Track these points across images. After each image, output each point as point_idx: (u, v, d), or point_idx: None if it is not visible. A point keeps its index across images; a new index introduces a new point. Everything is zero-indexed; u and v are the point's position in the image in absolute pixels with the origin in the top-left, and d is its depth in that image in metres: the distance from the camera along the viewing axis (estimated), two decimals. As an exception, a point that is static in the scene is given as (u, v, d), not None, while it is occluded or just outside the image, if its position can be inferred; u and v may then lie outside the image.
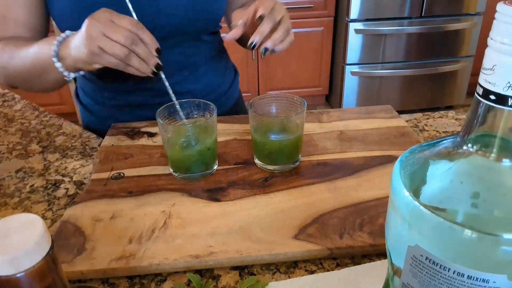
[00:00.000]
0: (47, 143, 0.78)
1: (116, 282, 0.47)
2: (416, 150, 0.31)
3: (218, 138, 0.68)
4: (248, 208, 0.55)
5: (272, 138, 0.61)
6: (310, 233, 0.50)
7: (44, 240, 0.23)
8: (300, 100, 0.63)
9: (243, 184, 0.60)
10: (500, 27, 0.24)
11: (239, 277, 0.47)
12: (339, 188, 0.59)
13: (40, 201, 0.61)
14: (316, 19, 2.41)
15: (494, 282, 0.25)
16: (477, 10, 2.29)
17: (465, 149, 0.27)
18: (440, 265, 0.26)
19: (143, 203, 0.57)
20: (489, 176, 0.26)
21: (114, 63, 0.60)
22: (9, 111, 0.92)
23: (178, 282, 0.47)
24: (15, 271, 0.22)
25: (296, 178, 0.61)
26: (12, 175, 0.68)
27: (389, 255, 0.32)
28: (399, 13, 2.25)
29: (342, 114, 0.79)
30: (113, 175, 0.63)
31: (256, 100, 0.64)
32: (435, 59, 2.42)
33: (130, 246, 0.49)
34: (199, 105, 0.64)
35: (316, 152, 0.67)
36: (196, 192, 0.59)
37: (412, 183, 0.28)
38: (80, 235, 0.52)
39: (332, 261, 0.49)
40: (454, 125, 0.78)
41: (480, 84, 0.26)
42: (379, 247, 0.48)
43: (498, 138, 0.26)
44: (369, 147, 0.68)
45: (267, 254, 0.48)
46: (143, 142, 0.72)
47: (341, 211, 0.54)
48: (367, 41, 2.32)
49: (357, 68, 2.40)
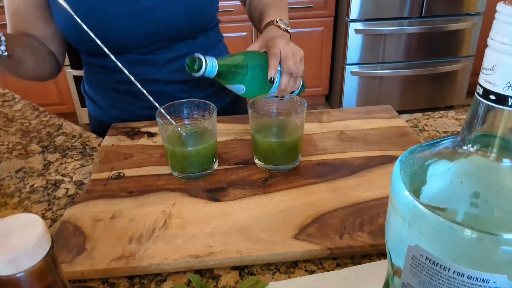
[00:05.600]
0: (47, 143, 0.78)
1: (116, 282, 0.47)
2: (416, 150, 0.31)
3: (218, 138, 0.68)
4: (248, 208, 0.55)
5: (272, 138, 0.61)
6: (310, 233, 0.50)
7: (44, 240, 0.23)
8: (300, 100, 0.63)
9: (243, 184, 0.60)
10: (500, 27, 0.24)
11: (239, 277, 0.47)
12: (339, 188, 0.58)
13: (40, 201, 0.61)
14: (316, 19, 2.41)
15: (494, 282, 0.25)
16: (477, 10, 2.29)
17: (465, 149, 0.27)
18: (440, 265, 0.26)
19: (143, 203, 0.57)
20: (489, 176, 0.26)
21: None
22: (9, 111, 0.92)
23: (178, 282, 0.47)
24: (15, 271, 0.22)
25: (296, 178, 0.61)
26: (12, 175, 0.68)
27: (389, 255, 0.32)
28: (399, 13, 2.25)
29: (342, 114, 0.79)
30: (113, 175, 0.63)
31: (256, 100, 0.64)
32: (435, 59, 2.42)
33: (130, 246, 0.49)
34: (199, 105, 0.64)
35: (316, 152, 0.67)
36: (196, 192, 0.59)
37: (412, 183, 0.28)
38: (80, 235, 0.51)
39: (332, 261, 0.49)
40: (454, 125, 0.78)
41: (480, 84, 0.26)
42: (379, 247, 0.48)
43: (498, 138, 0.26)
44: (369, 147, 0.68)
45: (267, 254, 0.48)
46: (143, 142, 0.72)
47: (341, 211, 0.54)
48: (367, 41, 2.32)
49: (357, 68, 2.40)
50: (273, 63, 0.67)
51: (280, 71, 0.69)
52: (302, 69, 0.72)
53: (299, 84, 0.73)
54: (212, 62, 0.61)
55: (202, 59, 0.60)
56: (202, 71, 0.61)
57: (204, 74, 0.62)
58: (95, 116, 0.91)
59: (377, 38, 2.32)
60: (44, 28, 0.78)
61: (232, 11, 2.31)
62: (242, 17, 2.33)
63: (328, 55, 2.53)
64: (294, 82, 0.72)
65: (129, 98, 0.85)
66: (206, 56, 0.62)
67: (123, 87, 0.83)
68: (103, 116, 0.89)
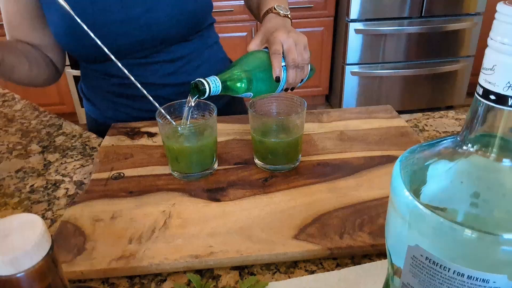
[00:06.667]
0: (47, 143, 0.78)
1: (116, 282, 0.47)
2: (416, 150, 0.31)
3: (218, 138, 0.68)
4: (248, 208, 0.55)
5: (272, 138, 0.61)
6: (310, 233, 0.50)
7: (44, 240, 0.23)
8: (300, 100, 0.63)
9: (243, 184, 0.60)
10: (500, 27, 0.24)
11: (239, 277, 0.47)
12: (339, 188, 0.58)
13: (40, 201, 0.61)
14: (316, 19, 2.41)
15: (494, 282, 0.25)
16: (477, 10, 2.29)
17: (465, 149, 0.27)
18: (440, 265, 0.26)
19: (143, 203, 0.57)
20: (489, 176, 0.26)
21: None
22: (9, 111, 0.92)
23: (178, 282, 0.47)
24: (15, 271, 0.22)
25: (296, 178, 0.61)
26: (12, 175, 0.68)
27: (389, 255, 0.32)
28: (399, 13, 2.25)
29: (342, 114, 0.79)
30: (113, 175, 0.63)
31: (256, 100, 0.64)
32: (435, 59, 2.42)
33: (130, 246, 0.49)
34: (199, 105, 0.64)
35: (316, 152, 0.67)
36: (196, 192, 0.59)
37: (412, 183, 0.28)
38: (80, 235, 0.51)
39: (332, 261, 0.49)
40: (454, 125, 0.78)
41: (480, 84, 0.26)
42: (379, 247, 0.48)
43: (498, 138, 0.26)
44: (369, 147, 0.68)
45: (267, 254, 0.48)
46: (143, 142, 0.72)
47: (341, 211, 0.54)
48: (367, 41, 2.32)
49: (357, 68, 2.40)
50: (276, 62, 0.66)
51: (285, 66, 0.68)
52: (308, 56, 0.70)
53: (307, 71, 0.71)
54: (214, 82, 0.61)
55: (204, 82, 0.60)
56: (206, 94, 0.61)
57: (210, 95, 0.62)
58: (92, 116, 0.91)
59: (377, 38, 2.32)
60: (41, 37, 0.78)
61: (232, 11, 2.31)
62: (242, 17, 2.33)
63: (328, 55, 2.53)
64: (301, 72, 0.69)
65: (125, 101, 0.84)
66: (207, 77, 0.62)
67: (120, 90, 0.83)
68: (99, 116, 0.89)
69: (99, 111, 0.89)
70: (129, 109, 0.85)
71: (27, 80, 0.77)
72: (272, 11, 0.76)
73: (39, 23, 0.76)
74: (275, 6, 0.76)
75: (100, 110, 0.88)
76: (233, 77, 0.64)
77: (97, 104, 0.89)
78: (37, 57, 0.77)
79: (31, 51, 0.77)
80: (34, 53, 0.77)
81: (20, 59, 0.72)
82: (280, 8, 0.76)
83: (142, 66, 0.80)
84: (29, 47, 0.77)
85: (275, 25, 0.72)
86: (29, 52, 0.76)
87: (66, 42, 0.75)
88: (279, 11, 0.76)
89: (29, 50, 0.76)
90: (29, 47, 0.77)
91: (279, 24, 0.73)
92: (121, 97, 0.84)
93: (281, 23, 0.73)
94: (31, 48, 0.77)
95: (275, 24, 0.72)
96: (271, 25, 0.72)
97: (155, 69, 0.81)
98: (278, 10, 0.76)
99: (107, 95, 0.85)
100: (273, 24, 0.73)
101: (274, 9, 0.76)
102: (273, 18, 0.75)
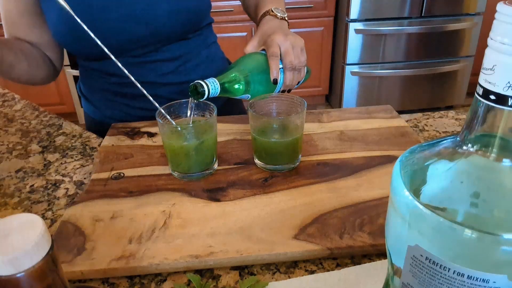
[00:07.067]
0: (47, 143, 0.78)
1: (116, 282, 0.47)
2: (416, 150, 0.31)
3: (218, 138, 0.68)
4: (248, 208, 0.55)
5: (272, 138, 0.61)
6: (310, 233, 0.50)
7: (44, 240, 0.23)
8: (300, 100, 0.63)
9: (243, 184, 0.60)
10: (500, 27, 0.24)
11: (239, 277, 0.47)
12: (339, 188, 0.58)
13: (40, 201, 0.61)
14: (316, 19, 2.41)
15: (494, 282, 0.25)
16: (477, 10, 2.29)
17: (465, 149, 0.27)
18: (440, 265, 0.26)
19: (143, 203, 0.57)
20: (489, 176, 0.26)
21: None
22: (9, 111, 0.92)
23: (178, 282, 0.47)
24: (15, 271, 0.22)
25: (296, 178, 0.61)
26: (12, 175, 0.68)
27: (389, 255, 0.32)
28: (399, 13, 2.25)
29: (342, 114, 0.79)
30: (113, 175, 0.63)
31: (256, 100, 0.64)
32: (435, 59, 2.42)
33: (130, 246, 0.49)
34: (199, 105, 0.64)
35: (316, 152, 0.67)
36: (196, 192, 0.59)
37: (412, 183, 0.28)
38: (80, 235, 0.51)
39: (332, 261, 0.49)
40: (454, 125, 0.78)
41: (480, 84, 0.26)
42: (379, 247, 0.48)
43: (498, 138, 0.26)
44: (369, 147, 0.68)
45: (267, 254, 0.48)
46: (143, 142, 0.72)
47: (341, 211, 0.54)
48: (367, 41, 2.32)
49: (357, 68, 2.40)
50: (274, 65, 0.67)
51: (282, 68, 0.69)
52: (304, 58, 0.71)
53: (303, 73, 0.73)
54: (213, 83, 0.62)
55: (203, 84, 0.61)
56: (205, 95, 0.61)
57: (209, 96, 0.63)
58: (90, 115, 0.91)
59: (377, 38, 2.32)
60: (40, 35, 0.78)
61: (232, 11, 2.31)
62: (242, 17, 2.33)
63: (328, 55, 2.53)
64: (298, 74, 0.71)
65: (124, 100, 0.84)
66: (206, 79, 0.62)
67: (118, 89, 0.83)
68: (98, 115, 0.89)
69: (98, 110, 0.89)
70: (128, 108, 0.85)
71: (25, 78, 0.77)
72: (269, 14, 0.77)
73: (38, 21, 0.76)
74: (272, 8, 0.77)
75: (99, 109, 0.88)
76: (231, 79, 0.64)
77: (96, 103, 0.89)
78: (35, 55, 0.78)
79: (30, 49, 0.77)
80: (32, 51, 0.77)
81: (19, 57, 0.72)
82: (277, 11, 0.77)
83: (141, 64, 0.80)
84: (27, 45, 0.77)
85: (272, 28, 0.73)
86: (27, 50, 0.76)
87: (65, 40, 0.75)
88: (276, 14, 0.76)
89: (28, 48, 0.76)
90: (28, 45, 0.77)
91: (276, 26, 0.73)
92: (120, 96, 0.84)
93: (278, 26, 0.74)
94: (29, 46, 0.77)
95: (272, 27, 0.73)
96: (268, 27, 0.73)
97: (154, 68, 0.81)
98: (276, 13, 0.76)
99: (106, 94, 0.85)
100: (270, 27, 0.73)
101: (271, 12, 0.77)
102: (270, 21, 0.75)
